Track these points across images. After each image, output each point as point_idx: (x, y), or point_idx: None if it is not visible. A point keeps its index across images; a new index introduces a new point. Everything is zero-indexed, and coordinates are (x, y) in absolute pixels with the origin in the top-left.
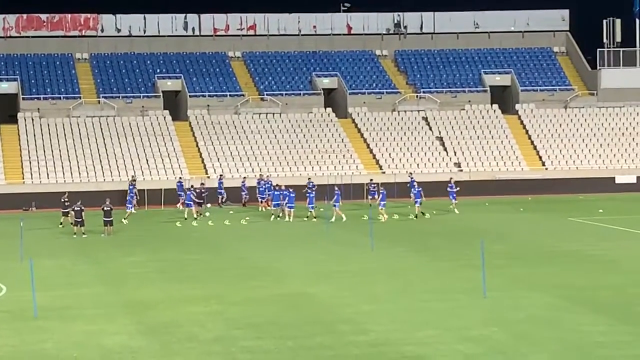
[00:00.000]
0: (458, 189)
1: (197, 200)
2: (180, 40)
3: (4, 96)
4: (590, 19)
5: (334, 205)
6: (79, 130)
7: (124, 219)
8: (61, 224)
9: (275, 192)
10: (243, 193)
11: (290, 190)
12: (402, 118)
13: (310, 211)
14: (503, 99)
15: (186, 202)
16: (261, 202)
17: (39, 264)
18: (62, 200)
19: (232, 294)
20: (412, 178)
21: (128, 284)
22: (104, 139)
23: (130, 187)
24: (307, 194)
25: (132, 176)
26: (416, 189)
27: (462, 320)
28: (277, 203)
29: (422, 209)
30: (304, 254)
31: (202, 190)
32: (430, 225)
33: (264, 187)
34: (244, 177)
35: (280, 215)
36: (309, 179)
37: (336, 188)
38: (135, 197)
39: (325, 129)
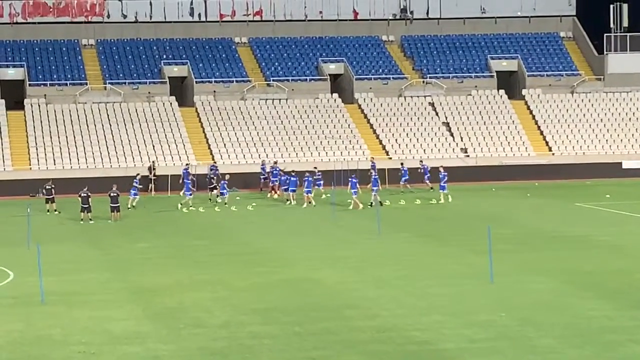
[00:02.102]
0: (446, 174)
1: (209, 186)
2: (186, 26)
3: (10, 82)
4: (597, 4)
5: (307, 192)
6: (85, 116)
7: (185, 207)
8: (48, 211)
9: (282, 178)
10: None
11: (293, 174)
12: (408, 104)
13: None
14: (509, 84)
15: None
16: (272, 188)
17: (45, 250)
18: (47, 187)
19: (239, 280)
20: (373, 164)
21: (135, 270)
22: (110, 125)
23: (185, 172)
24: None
25: (187, 163)
26: (373, 176)
27: (469, 306)
28: (286, 188)
29: (381, 198)
30: (310, 239)
31: (212, 176)
32: (437, 211)
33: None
34: (262, 161)
35: (288, 200)
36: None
37: (307, 174)
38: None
39: (331, 115)
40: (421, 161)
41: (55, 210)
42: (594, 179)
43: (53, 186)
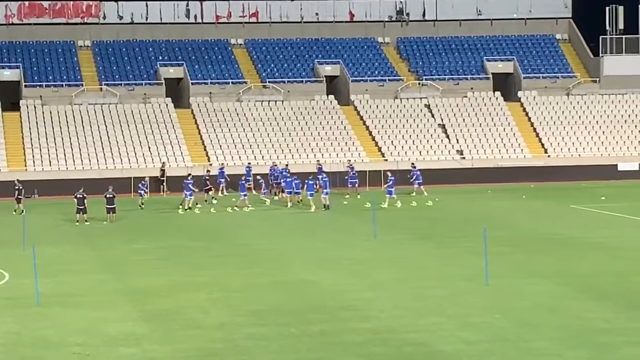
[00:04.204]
0: (393, 179)
1: (204, 188)
2: (182, 28)
3: (6, 83)
4: (592, 6)
5: (289, 192)
6: (81, 117)
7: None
8: (15, 211)
9: (288, 179)
10: (222, 180)
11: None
12: (404, 105)
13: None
14: (505, 86)
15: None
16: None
17: (41, 251)
18: (16, 187)
19: (235, 281)
20: (319, 167)
21: (131, 271)
22: (106, 127)
23: (220, 172)
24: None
25: (222, 163)
26: (324, 178)
27: (465, 308)
28: (290, 190)
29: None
30: (306, 241)
31: (207, 178)
32: (433, 213)
33: (274, 174)
34: (222, 164)
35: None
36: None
37: (289, 175)
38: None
39: (327, 116)
40: (348, 160)
41: (22, 212)
42: (589, 181)
43: (22, 187)
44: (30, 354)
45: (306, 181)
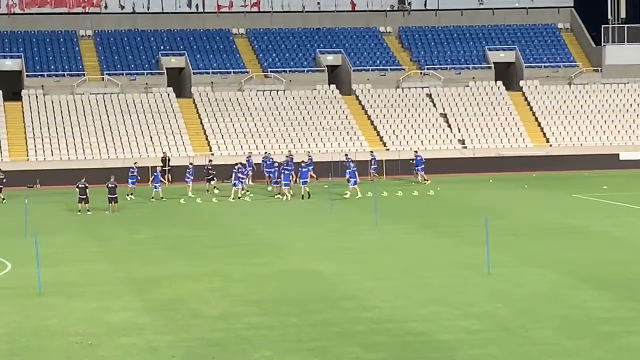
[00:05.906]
0: (355, 168)
1: (206, 177)
2: (183, 17)
3: (7, 73)
4: None
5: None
6: (83, 107)
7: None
8: (3, 199)
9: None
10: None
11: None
12: (406, 95)
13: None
14: (507, 75)
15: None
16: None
17: (43, 241)
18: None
19: (237, 271)
20: (290, 157)
21: (133, 261)
22: (107, 116)
23: (248, 160)
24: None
25: (250, 153)
26: (301, 169)
27: (466, 297)
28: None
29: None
30: (308, 230)
31: (209, 168)
32: (434, 202)
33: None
34: (250, 154)
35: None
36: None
37: (284, 166)
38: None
39: (329, 106)
40: (308, 153)
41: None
42: (591, 170)
43: (3, 177)
44: (32, 343)
45: (283, 170)
